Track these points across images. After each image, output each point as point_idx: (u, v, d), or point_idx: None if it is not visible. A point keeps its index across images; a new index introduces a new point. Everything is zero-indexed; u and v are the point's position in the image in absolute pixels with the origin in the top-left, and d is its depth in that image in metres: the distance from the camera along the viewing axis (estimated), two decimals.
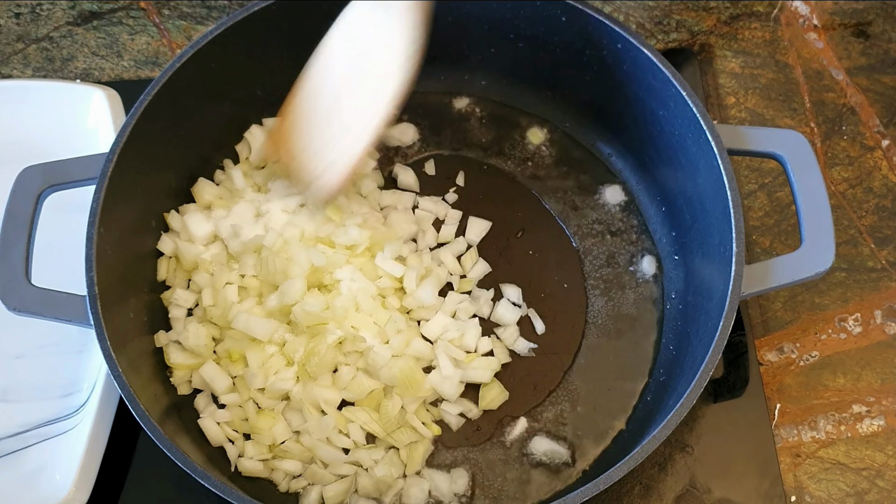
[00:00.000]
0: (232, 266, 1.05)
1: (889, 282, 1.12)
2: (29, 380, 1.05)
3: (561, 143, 1.18)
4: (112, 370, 0.88)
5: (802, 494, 1.01)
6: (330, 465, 0.97)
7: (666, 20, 1.30)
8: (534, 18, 1.09)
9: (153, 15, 1.33)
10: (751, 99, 1.24)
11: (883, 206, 1.17)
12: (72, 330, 1.01)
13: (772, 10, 1.31)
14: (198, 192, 1.10)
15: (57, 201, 0.98)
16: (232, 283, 1.04)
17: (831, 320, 1.10)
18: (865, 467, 1.02)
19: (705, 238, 1.02)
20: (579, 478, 0.99)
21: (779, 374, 1.07)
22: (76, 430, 1.00)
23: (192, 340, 1.00)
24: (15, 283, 0.92)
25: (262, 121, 1.15)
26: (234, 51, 1.05)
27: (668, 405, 0.93)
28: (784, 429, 1.04)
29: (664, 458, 1.01)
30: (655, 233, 1.12)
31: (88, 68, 1.29)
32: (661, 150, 1.09)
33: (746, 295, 0.90)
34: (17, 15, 1.34)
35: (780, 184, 1.18)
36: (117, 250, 0.96)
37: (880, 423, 1.04)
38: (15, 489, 0.98)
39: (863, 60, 1.26)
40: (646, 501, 0.99)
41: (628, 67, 1.04)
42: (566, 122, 1.18)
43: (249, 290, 1.03)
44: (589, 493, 0.82)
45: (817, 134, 1.22)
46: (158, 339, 1.02)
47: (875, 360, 1.07)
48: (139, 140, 0.98)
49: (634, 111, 1.09)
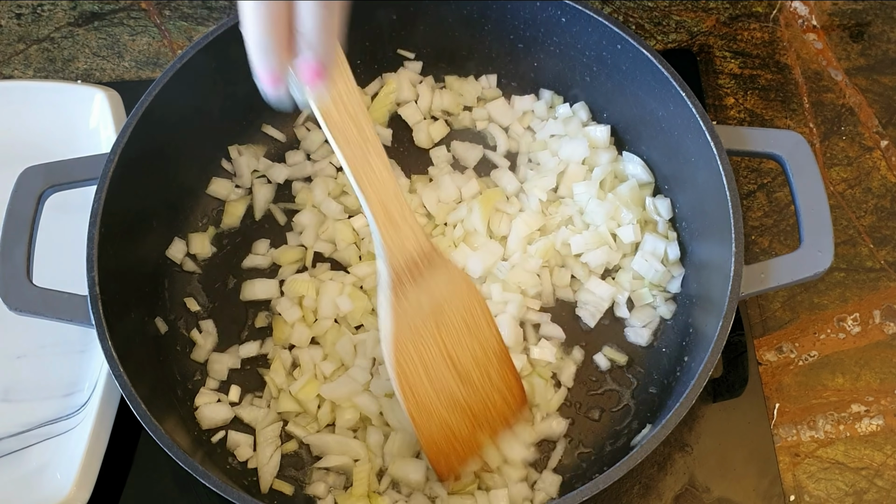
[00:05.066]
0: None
1: (888, 282, 1.12)
2: (30, 379, 1.05)
3: None
4: (113, 370, 0.88)
5: (801, 494, 1.01)
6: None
7: (665, 21, 1.31)
8: (534, 19, 1.09)
9: (154, 16, 1.33)
10: (750, 99, 1.24)
11: (882, 206, 1.17)
12: (73, 330, 1.01)
13: (771, 10, 1.31)
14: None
15: (58, 201, 0.99)
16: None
17: (830, 320, 1.10)
18: (864, 467, 1.02)
19: (705, 238, 1.03)
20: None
21: (778, 374, 1.07)
22: (77, 429, 1.00)
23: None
24: (16, 283, 0.92)
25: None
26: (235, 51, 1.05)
27: (668, 405, 0.93)
28: (783, 428, 1.04)
29: (663, 457, 1.01)
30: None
31: (89, 69, 1.29)
32: (660, 151, 1.09)
33: (746, 295, 0.90)
34: (18, 16, 1.34)
35: (779, 184, 1.18)
36: (118, 250, 0.96)
37: (879, 423, 1.04)
38: (16, 489, 0.99)
39: (862, 61, 1.27)
40: (645, 501, 0.99)
41: (628, 68, 1.05)
42: None
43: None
44: (588, 493, 0.83)
45: (816, 134, 1.22)
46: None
47: (874, 360, 1.07)
48: (140, 140, 0.98)
49: (634, 112, 1.09)
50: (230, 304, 1.09)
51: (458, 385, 0.93)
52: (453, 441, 0.94)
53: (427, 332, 0.90)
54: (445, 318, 0.91)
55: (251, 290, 1.08)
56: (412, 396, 0.90)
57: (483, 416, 0.95)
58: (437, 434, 0.93)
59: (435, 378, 0.92)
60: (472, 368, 0.94)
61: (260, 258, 1.11)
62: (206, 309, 1.09)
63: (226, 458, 1.00)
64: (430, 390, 0.91)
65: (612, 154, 1.12)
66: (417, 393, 0.91)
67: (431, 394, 0.92)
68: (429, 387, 0.91)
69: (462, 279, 0.92)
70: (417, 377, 0.90)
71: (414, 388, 0.90)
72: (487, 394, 0.95)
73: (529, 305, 1.06)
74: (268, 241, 1.12)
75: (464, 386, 0.93)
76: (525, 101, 1.17)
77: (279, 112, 1.17)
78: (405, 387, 0.90)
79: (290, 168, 1.16)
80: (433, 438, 0.93)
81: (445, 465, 0.95)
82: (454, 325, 0.92)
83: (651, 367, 1.04)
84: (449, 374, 0.92)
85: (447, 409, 0.93)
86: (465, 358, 0.93)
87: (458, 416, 0.93)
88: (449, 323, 0.92)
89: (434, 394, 0.92)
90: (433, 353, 0.91)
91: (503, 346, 0.96)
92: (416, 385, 0.90)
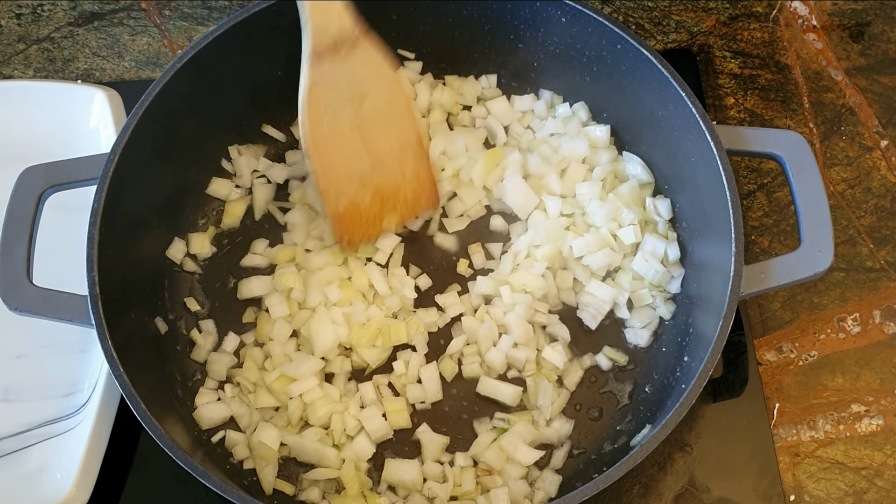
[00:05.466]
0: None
1: (888, 282, 1.12)
2: (30, 379, 1.05)
3: None
4: (113, 370, 0.88)
5: (801, 494, 1.01)
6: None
7: (665, 21, 1.31)
8: (534, 19, 1.09)
9: (154, 16, 1.33)
10: (750, 99, 1.24)
11: (881, 206, 1.17)
12: (73, 330, 1.01)
13: (771, 10, 1.31)
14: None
15: (58, 201, 0.99)
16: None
17: (830, 320, 1.10)
18: (864, 467, 1.02)
19: (704, 238, 1.03)
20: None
21: (778, 374, 1.07)
22: (77, 429, 1.00)
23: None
24: (16, 282, 0.92)
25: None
26: (235, 51, 1.05)
27: (668, 405, 0.93)
28: (783, 428, 1.04)
29: (663, 457, 1.01)
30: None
31: (89, 69, 1.29)
32: (660, 151, 1.09)
33: (746, 295, 0.90)
34: (18, 16, 1.34)
35: (779, 184, 1.18)
36: (118, 250, 0.96)
37: (879, 423, 1.04)
38: (16, 489, 0.99)
39: (861, 61, 1.27)
40: (645, 501, 0.99)
41: (628, 68, 1.05)
42: None
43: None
44: (588, 493, 0.83)
45: (816, 134, 1.22)
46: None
47: (874, 360, 1.07)
48: (140, 140, 0.98)
49: (634, 112, 1.09)
50: (230, 304, 1.09)
51: (371, 167, 1.03)
52: (356, 214, 1.05)
53: (343, 112, 0.99)
54: (366, 105, 1.00)
55: (248, 288, 1.08)
56: (318, 159, 1.00)
57: (391, 201, 1.06)
58: (342, 202, 1.04)
59: (346, 153, 1.01)
60: (387, 156, 1.04)
61: (259, 258, 1.11)
62: (205, 309, 1.09)
63: (226, 457, 1.00)
64: (339, 161, 1.01)
65: (612, 154, 1.12)
66: (326, 158, 1.01)
67: (340, 165, 1.02)
68: (338, 158, 1.01)
69: (387, 72, 1.00)
70: (328, 145, 1.00)
71: (323, 153, 1.00)
72: (398, 183, 1.06)
73: (537, 308, 1.06)
74: (267, 240, 1.12)
75: (375, 169, 1.04)
76: (525, 101, 1.17)
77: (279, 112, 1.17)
78: (314, 149, 0.99)
79: (289, 168, 1.16)
80: (337, 204, 1.04)
81: (343, 230, 1.06)
82: (373, 114, 1.01)
83: (651, 367, 1.04)
84: (362, 154, 1.02)
85: (355, 185, 1.03)
86: (382, 146, 1.03)
87: (365, 194, 1.04)
88: (369, 110, 1.01)
89: (343, 166, 1.02)
90: (347, 132, 1.00)
91: (421, 144, 1.06)
92: (325, 151, 1.00)
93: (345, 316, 1.05)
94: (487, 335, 1.04)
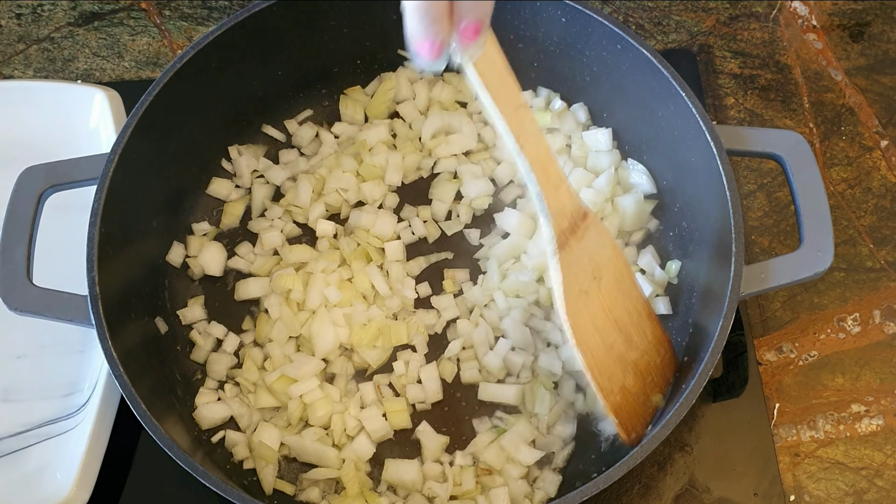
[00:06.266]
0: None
1: (888, 282, 1.12)
2: (30, 379, 1.05)
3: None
4: (113, 370, 0.88)
5: (801, 494, 1.01)
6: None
7: (665, 21, 1.31)
8: (534, 19, 1.09)
9: (154, 16, 1.33)
10: (750, 99, 1.24)
11: (882, 206, 1.17)
12: (73, 330, 1.01)
13: (771, 10, 1.31)
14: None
15: (58, 201, 0.99)
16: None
17: (830, 320, 1.10)
18: (864, 467, 1.02)
19: (705, 238, 1.03)
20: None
21: (778, 374, 1.07)
22: (77, 429, 1.00)
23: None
24: (16, 282, 0.92)
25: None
26: (235, 51, 1.05)
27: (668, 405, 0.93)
28: (783, 428, 1.04)
29: (663, 457, 1.01)
30: (655, 233, 1.12)
31: (89, 69, 1.30)
32: (660, 151, 1.09)
33: (746, 295, 0.90)
34: (18, 16, 1.34)
35: (779, 184, 1.18)
36: (118, 250, 0.96)
37: (879, 423, 1.04)
38: (16, 489, 0.99)
39: (862, 61, 1.27)
40: (645, 501, 0.99)
41: (628, 68, 1.05)
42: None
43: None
44: (588, 493, 0.83)
45: (816, 134, 1.22)
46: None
47: (874, 360, 1.07)
48: (140, 140, 0.98)
49: (634, 112, 1.09)
50: (230, 304, 1.09)
51: (623, 344, 0.93)
52: (630, 399, 0.94)
53: (592, 294, 0.91)
54: (603, 278, 0.92)
55: (245, 289, 1.08)
56: (590, 356, 0.90)
57: (648, 374, 0.95)
58: (618, 395, 0.92)
59: (604, 336, 0.92)
60: (630, 327, 0.94)
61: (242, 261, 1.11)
62: (206, 309, 1.09)
63: (226, 457, 1.00)
64: (602, 349, 0.91)
65: (615, 157, 1.12)
66: (594, 352, 0.90)
67: (604, 353, 0.91)
68: (601, 346, 0.91)
69: (610, 240, 0.93)
70: (591, 336, 0.90)
71: (590, 347, 0.90)
72: (647, 351, 0.96)
73: (533, 312, 1.06)
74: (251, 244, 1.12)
75: (627, 345, 0.94)
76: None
77: (279, 112, 1.17)
78: (583, 346, 0.89)
79: (289, 168, 1.16)
80: (615, 399, 0.92)
81: (628, 422, 0.94)
82: (610, 285, 0.93)
83: None
84: (615, 332, 0.93)
85: (620, 369, 0.93)
86: (623, 317, 0.93)
87: (627, 375, 0.93)
88: (606, 282, 0.92)
89: (606, 352, 0.92)
90: (598, 312, 0.91)
91: (648, 304, 0.97)
92: (591, 345, 0.90)
93: (345, 317, 1.05)
94: (483, 339, 1.04)
